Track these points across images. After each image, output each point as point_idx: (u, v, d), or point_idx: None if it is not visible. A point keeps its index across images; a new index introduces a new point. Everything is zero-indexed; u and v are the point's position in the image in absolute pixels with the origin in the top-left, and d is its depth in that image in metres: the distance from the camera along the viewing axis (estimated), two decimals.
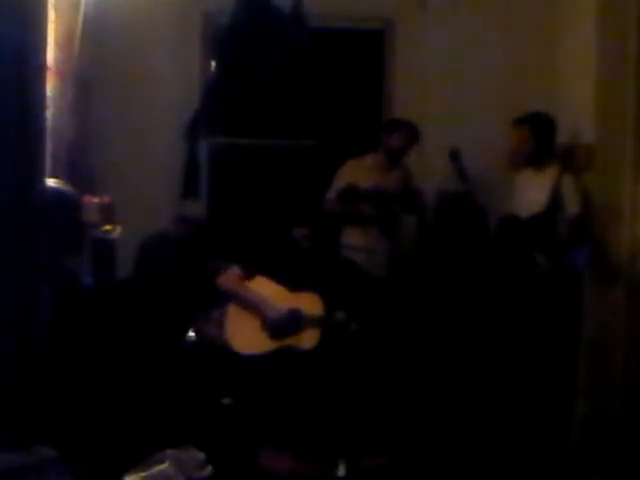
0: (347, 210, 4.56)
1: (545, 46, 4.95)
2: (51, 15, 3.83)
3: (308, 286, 3.84)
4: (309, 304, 3.81)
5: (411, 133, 4.57)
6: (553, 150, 4.36)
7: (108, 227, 4.09)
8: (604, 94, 4.27)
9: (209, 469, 2.71)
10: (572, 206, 4.20)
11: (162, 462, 2.64)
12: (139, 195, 4.72)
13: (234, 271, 3.80)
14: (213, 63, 5.07)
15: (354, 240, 4.60)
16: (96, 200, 4.09)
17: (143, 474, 2.56)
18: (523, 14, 5.02)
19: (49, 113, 3.33)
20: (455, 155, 4.35)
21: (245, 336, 3.67)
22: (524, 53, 5.00)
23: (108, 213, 4.13)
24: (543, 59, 4.95)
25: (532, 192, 4.29)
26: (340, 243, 4.68)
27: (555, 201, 4.20)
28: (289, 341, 3.73)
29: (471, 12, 5.03)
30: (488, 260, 4.39)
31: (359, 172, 4.60)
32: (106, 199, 4.18)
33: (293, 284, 3.83)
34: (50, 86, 3.72)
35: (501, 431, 3.97)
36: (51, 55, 3.86)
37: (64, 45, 4.11)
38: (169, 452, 2.69)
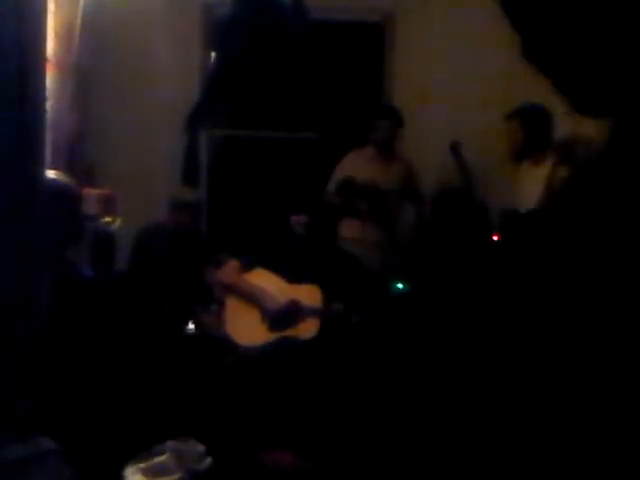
0: (344, 203, 4.57)
1: None
2: (50, 6, 3.83)
3: (307, 277, 3.85)
4: (308, 295, 3.81)
5: (393, 120, 4.53)
6: (549, 143, 4.33)
7: (108, 219, 4.11)
8: None
9: (209, 461, 2.72)
10: None
11: (162, 454, 2.64)
12: (139, 187, 4.72)
13: (233, 263, 3.80)
14: (213, 54, 5.06)
15: (350, 232, 4.60)
16: (96, 192, 4.11)
17: (143, 465, 2.57)
18: None
19: (49, 105, 3.33)
20: (456, 148, 4.35)
21: (244, 328, 3.68)
22: None
23: (108, 205, 4.14)
24: None
25: (529, 186, 4.27)
26: (338, 235, 4.68)
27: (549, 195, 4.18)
28: (288, 332, 3.74)
29: (472, 5, 5.02)
30: (489, 255, 4.38)
31: (358, 165, 4.59)
32: (106, 191, 4.20)
33: (292, 276, 3.83)
34: (50, 78, 3.72)
35: (500, 428, 3.97)
36: (51, 47, 3.86)
37: (64, 37, 4.11)
38: (169, 444, 2.69)
